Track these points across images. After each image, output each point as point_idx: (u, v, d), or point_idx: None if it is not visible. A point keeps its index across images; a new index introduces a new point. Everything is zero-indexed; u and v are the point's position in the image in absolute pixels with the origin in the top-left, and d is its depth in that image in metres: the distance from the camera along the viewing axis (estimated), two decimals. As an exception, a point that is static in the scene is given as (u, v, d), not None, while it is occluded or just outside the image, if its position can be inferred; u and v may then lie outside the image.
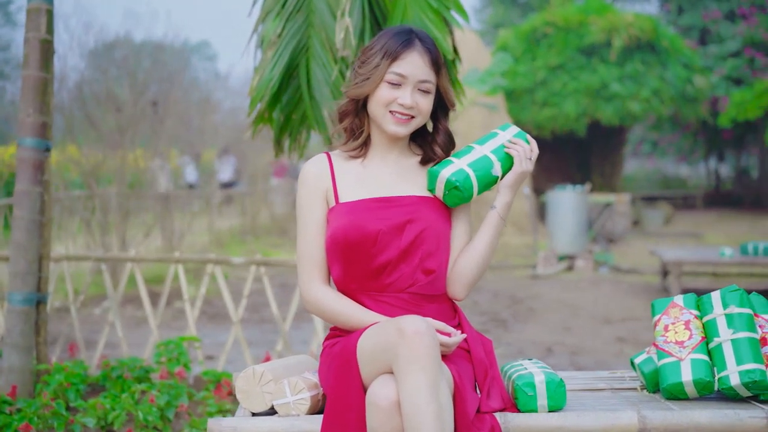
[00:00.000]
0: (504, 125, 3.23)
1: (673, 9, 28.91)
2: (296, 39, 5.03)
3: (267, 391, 3.05)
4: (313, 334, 6.23)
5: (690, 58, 21.85)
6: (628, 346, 8.31)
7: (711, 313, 3.18)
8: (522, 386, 2.98)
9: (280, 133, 5.24)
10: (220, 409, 5.13)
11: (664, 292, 11.86)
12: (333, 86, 4.99)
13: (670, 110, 21.53)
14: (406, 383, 2.66)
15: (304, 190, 3.15)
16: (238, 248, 15.36)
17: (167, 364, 5.58)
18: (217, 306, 10.08)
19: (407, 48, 3.06)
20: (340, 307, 3.05)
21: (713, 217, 24.07)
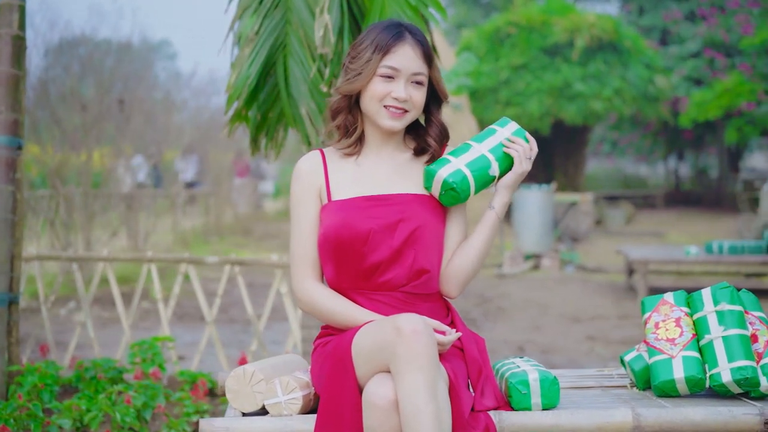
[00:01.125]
0: (502, 121, 3.19)
1: (634, 10, 29.11)
2: (274, 36, 4.99)
3: (258, 390, 3.01)
4: (288, 334, 6.18)
5: (651, 59, 22.03)
6: (598, 345, 8.34)
7: (701, 311, 3.18)
8: (516, 384, 2.97)
9: (256, 132, 5.19)
10: (197, 409, 5.08)
11: (630, 291, 11.93)
12: (311, 84, 4.95)
13: (632, 110, 21.70)
14: (405, 382, 2.64)
15: (297, 187, 3.12)
16: (203, 248, 15.26)
17: (142, 365, 5.51)
18: (185, 306, 9.99)
19: (399, 41, 3.03)
20: (334, 305, 3.01)
21: (674, 217, 24.26)
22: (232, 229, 18.59)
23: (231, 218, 19.27)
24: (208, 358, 7.34)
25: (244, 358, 5.72)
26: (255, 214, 21.26)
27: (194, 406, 5.09)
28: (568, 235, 17.10)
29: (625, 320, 9.75)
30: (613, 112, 21.39)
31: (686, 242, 17.04)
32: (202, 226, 17.37)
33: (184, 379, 5.65)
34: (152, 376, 5.41)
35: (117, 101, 11.42)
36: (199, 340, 8.08)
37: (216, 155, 18.92)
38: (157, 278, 6.31)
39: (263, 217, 22.23)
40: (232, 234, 18.12)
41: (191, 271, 6.23)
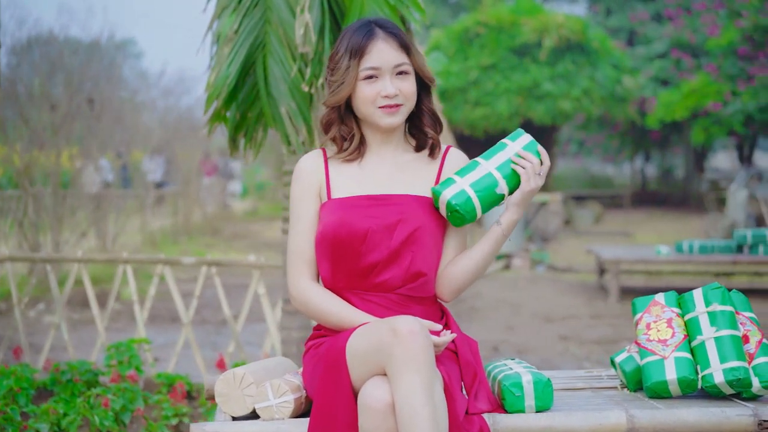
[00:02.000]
0: (515, 134, 3.09)
1: (602, 10, 29.26)
2: (253, 35, 4.95)
3: (248, 394, 2.97)
4: (266, 335, 6.14)
5: (619, 59, 22.15)
6: (572, 345, 8.36)
7: (693, 311, 3.17)
8: (509, 387, 2.94)
9: (235, 132, 5.14)
10: (176, 412, 5.03)
11: (601, 291, 11.97)
12: (291, 83, 4.91)
13: (601, 110, 21.82)
14: (401, 384, 2.61)
15: (297, 184, 3.09)
16: (172, 248, 15.15)
17: (118, 367, 5.45)
18: (157, 307, 9.90)
19: (370, 39, 3.00)
20: (328, 305, 2.98)
21: (641, 216, 24.40)
22: (200, 229, 18.49)
23: (199, 218, 19.16)
24: (183, 359, 7.27)
25: (222, 360, 5.67)
26: (223, 214, 21.15)
27: (173, 409, 5.04)
28: (538, 234, 17.15)
29: (598, 320, 9.77)
30: (581, 112, 21.49)
31: (654, 242, 17.13)
32: (171, 226, 17.26)
33: (162, 381, 5.60)
34: (129, 379, 5.35)
35: (87, 101, 11.30)
36: (171, 341, 8.03)
37: (184, 155, 18.80)
38: (132, 279, 6.25)
39: (231, 217, 22.14)
40: (201, 234, 18.02)
41: (167, 272, 6.17)
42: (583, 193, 27.80)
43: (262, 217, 23.06)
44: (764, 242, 11.23)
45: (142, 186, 15.36)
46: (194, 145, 19.81)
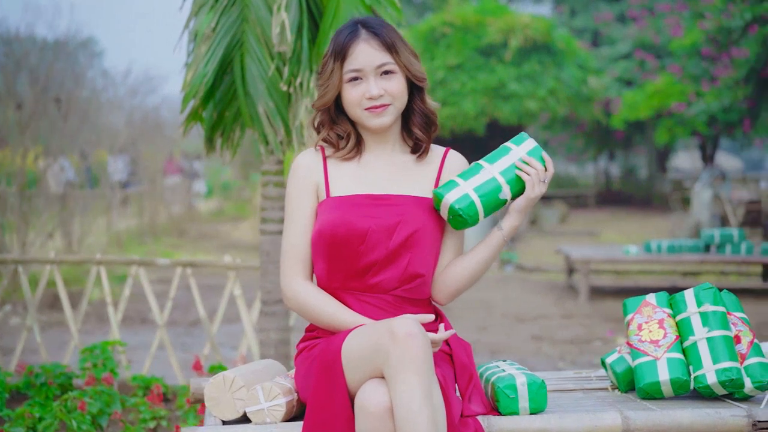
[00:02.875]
0: (518, 137, 3.04)
1: (566, 11, 29.38)
2: (231, 34, 4.90)
3: (239, 397, 2.92)
4: (242, 337, 6.08)
5: (584, 60, 22.26)
6: (545, 345, 8.36)
7: (684, 312, 3.16)
8: (503, 389, 2.92)
9: (212, 131, 5.09)
10: (154, 415, 4.97)
11: (570, 290, 12.01)
12: (269, 82, 4.86)
13: (566, 110, 21.89)
14: (400, 387, 2.57)
15: (294, 182, 3.04)
16: (138, 249, 15.02)
17: (93, 370, 5.38)
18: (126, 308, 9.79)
19: (352, 41, 2.97)
20: (323, 305, 2.93)
21: (606, 216, 24.54)
22: (166, 230, 18.35)
23: (165, 219, 19.01)
24: (155, 361, 7.19)
25: (198, 362, 5.60)
26: (189, 214, 21.00)
27: (150, 412, 4.97)
28: (505, 234, 17.16)
29: (569, 320, 9.79)
30: (547, 112, 21.56)
31: (620, 241, 17.24)
32: (137, 227, 17.11)
33: (137, 384, 5.53)
34: (104, 382, 5.28)
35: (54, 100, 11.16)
36: (141, 343, 7.94)
37: (150, 155, 18.65)
38: (106, 281, 6.17)
39: (197, 217, 21.99)
40: (167, 235, 17.88)
41: (141, 273, 6.10)
42: (548, 193, 27.86)
43: (229, 217, 22.93)
44: (731, 242, 11.31)
45: (108, 186, 15.19)
46: (160, 145, 19.65)
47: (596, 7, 28.32)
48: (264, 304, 5.16)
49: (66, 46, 12.50)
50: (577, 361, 7.63)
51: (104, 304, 9.55)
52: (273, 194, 5.18)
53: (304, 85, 4.81)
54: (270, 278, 5.15)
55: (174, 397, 5.60)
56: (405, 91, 3.00)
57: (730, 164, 40.86)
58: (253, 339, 5.96)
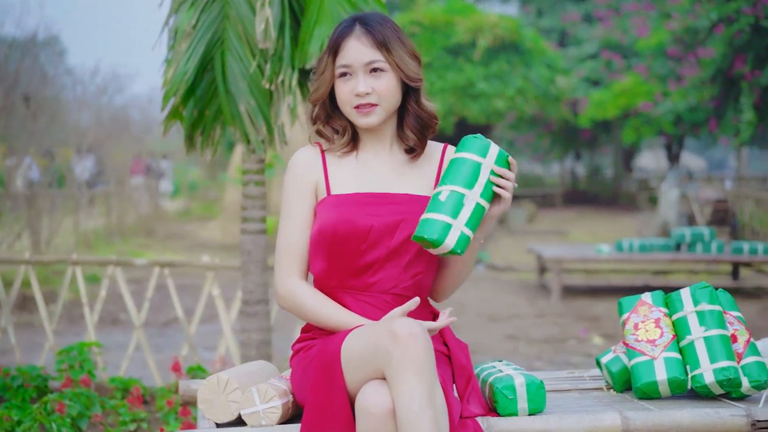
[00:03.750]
0: (481, 146, 2.85)
1: (533, 11, 29.46)
2: (211, 31, 4.85)
3: (233, 400, 2.87)
4: (221, 338, 6.01)
5: (552, 59, 22.33)
6: (521, 344, 8.36)
7: (681, 311, 3.14)
8: (502, 389, 2.89)
9: (192, 129, 5.02)
10: (134, 418, 4.91)
11: (542, 289, 12.02)
12: (250, 80, 4.81)
13: (534, 109, 21.96)
14: (402, 388, 2.53)
15: (292, 179, 2.99)
16: (107, 249, 14.89)
17: (70, 372, 5.30)
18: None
19: (345, 36, 2.93)
20: (319, 305, 2.89)
21: (573, 215, 24.64)
22: (134, 229, 18.20)
23: (133, 219, 18.85)
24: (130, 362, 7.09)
25: (177, 363, 5.53)
26: (156, 214, 20.84)
27: (130, 415, 4.91)
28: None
29: (542, 319, 9.80)
30: (515, 112, 21.62)
31: (588, 240, 17.32)
32: (104, 227, 16.94)
33: (115, 386, 5.46)
34: (82, 384, 5.20)
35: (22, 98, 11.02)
36: (115, 344, 7.85)
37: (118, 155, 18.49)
38: (82, 281, 6.09)
39: (164, 217, 21.84)
40: (134, 235, 17.74)
41: (118, 273, 6.02)
42: (516, 193, 27.93)
43: (196, 217, 22.80)
44: (702, 241, 11.39)
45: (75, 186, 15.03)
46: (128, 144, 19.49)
47: (563, 7, 28.43)
48: (245, 305, 5.10)
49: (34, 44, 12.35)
50: (554, 361, 7.63)
51: (74, 304, 9.47)
52: (254, 193, 5.12)
53: (286, 83, 4.76)
54: (251, 278, 5.09)
55: (152, 399, 5.52)
56: (395, 91, 2.94)
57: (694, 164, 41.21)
58: (232, 340, 5.90)
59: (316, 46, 4.65)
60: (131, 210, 18.92)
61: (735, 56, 16.96)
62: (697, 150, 46.35)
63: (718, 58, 17.70)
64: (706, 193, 19.99)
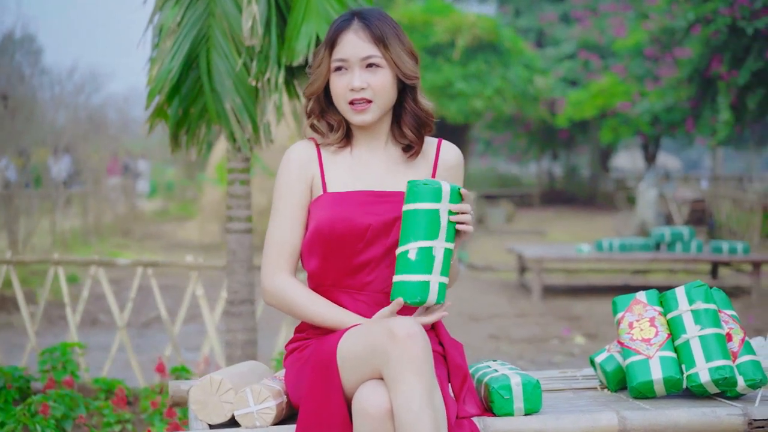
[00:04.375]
0: (433, 191, 2.72)
1: (511, 11, 29.51)
2: (197, 28, 4.80)
3: (226, 400, 2.83)
4: (205, 338, 5.97)
5: (530, 59, 22.37)
6: (503, 344, 8.34)
7: (676, 310, 3.13)
8: (498, 389, 2.86)
9: (177, 128, 4.98)
10: (119, 419, 4.85)
11: (522, 289, 12.02)
12: (236, 78, 4.77)
13: (513, 109, 21.99)
14: (400, 389, 2.50)
15: (287, 174, 2.94)
16: (84, 250, 14.78)
17: (53, 373, 5.24)
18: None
19: (343, 30, 2.90)
20: (311, 302, 2.85)
21: (551, 215, 24.68)
22: (111, 230, 18.08)
23: (110, 219, 18.73)
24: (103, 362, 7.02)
25: (161, 364, 5.48)
26: (133, 214, 20.72)
27: (115, 416, 4.86)
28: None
29: (524, 318, 9.80)
30: (493, 111, 21.64)
31: (567, 240, 17.36)
32: (81, 227, 16.81)
33: (99, 387, 5.40)
34: (65, 385, 5.15)
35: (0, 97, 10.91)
36: (96, 345, 7.78)
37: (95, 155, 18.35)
38: (64, 281, 6.03)
39: (141, 217, 21.72)
40: (111, 235, 17.62)
41: (101, 273, 5.96)
42: (494, 192, 28.00)
43: (173, 217, 22.68)
44: (681, 240, 11.43)
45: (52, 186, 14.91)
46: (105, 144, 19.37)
47: (540, 8, 28.48)
48: (230, 305, 5.06)
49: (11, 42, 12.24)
50: (536, 360, 7.63)
51: (52, 305, 9.38)
52: (239, 192, 5.08)
53: (272, 81, 4.72)
54: (236, 278, 5.05)
55: (136, 399, 5.47)
56: (391, 88, 2.91)
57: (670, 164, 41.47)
58: (216, 340, 5.86)
59: (303, 44, 4.61)
60: (108, 210, 18.79)
61: (712, 56, 17.03)
62: (673, 150, 46.58)
63: (695, 59, 17.78)
64: (683, 193, 20.07)
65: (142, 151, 30.15)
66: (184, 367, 5.39)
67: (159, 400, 5.03)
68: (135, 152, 29.18)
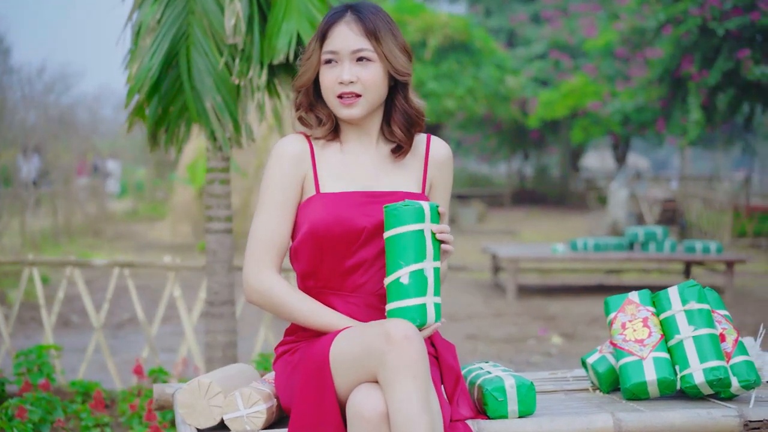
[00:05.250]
0: (416, 212, 2.67)
1: (481, 11, 29.53)
2: (176, 26, 4.74)
3: (215, 404, 2.77)
4: (182, 339, 5.90)
5: (502, 59, 22.40)
6: (481, 344, 8.31)
7: (669, 310, 3.09)
8: (492, 391, 2.82)
9: (156, 127, 4.91)
10: (97, 422, 4.76)
11: (497, 289, 12.01)
12: (217, 77, 4.71)
13: (484, 109, 22.00)
14: (397, 392, 2.45)
15: (278, 169, 2.85)
16: (55, 250, 14.63)
17: (29, 376, 5.15)
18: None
19: (335, 23, 2.83)
20: (300, 302, 2.78)
21: (522, 215, 24.73)
22: (81, 230, 17.91)
23: (80, 219, 18.56)
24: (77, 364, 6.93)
25: (139, 366, 5.41)
26: (103, 214, 20.55)
27: (93, 419, 4.77)
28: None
29: (500, 318, 9.78)
30: (465, 111, 21.64)
31: (539, 240, 17.38)
32: (51, 227, 16.65)
33: (76, 389, 5.32)
34: (41, 388, 5.05)
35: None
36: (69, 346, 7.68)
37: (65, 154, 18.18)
38: (39, 282, 5.93)
39: (111, 217, 21.55)
40: (82, 236, 17.46)
41: (77, 274, 5.88)
42: (465, 192, 28.00)
43: (143, 217, 22.53)
44: (655, 240, 11.45)
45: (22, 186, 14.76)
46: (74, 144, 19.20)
47: (511, 8, 28.52)
48: (210, 306, 5.00)
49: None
50: (515, 360, 7.60)
51: (24, 306, 9.25)
52: (219, 192, 5.02)
53: (255, 80, 4.67)
54: (216, 278, 4.99)
55: (113, 402, 5.39)
56: (381, 84, 2.84)
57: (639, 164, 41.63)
58: (194, 341, 5.78)
59: (284, 42, 4.56)
60: (78, 210, 18.62)
61: (682, 57, 17.13)
62: (642, 150, 46.83)
63: (665, 59, 17.87)
64: (654, 192, 20.16)
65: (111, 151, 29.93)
66: (161, 369, 5.32)
67: (138, 402, 4.95)
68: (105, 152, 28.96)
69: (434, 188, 2.98)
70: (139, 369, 5.38)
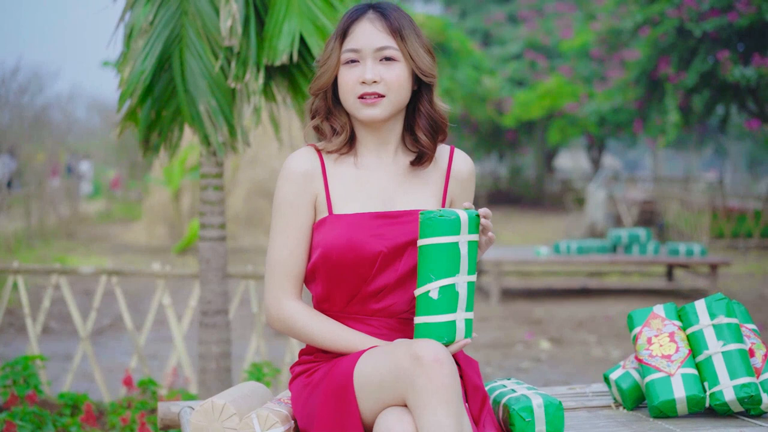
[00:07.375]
0: (449, 224, 2.49)
1: (457, 12, 29.46)
2: (169, 27, 4.60)
3: (230, 426, 2.64)
4: (172, 350, 5.75)
5: (478, 60, 22.34)
6: (468, 349, 8.20)
7: (696, 324, 2.99)
8: (519, 411, 2.69)
9: (148, 131, 4.77)
10: (88, 437, 4.62)
11: (479, 292, 11.91)
12: (211, 79, 4.57)
13: (461, 110, 21.94)
14: (428, 418, 2.31)
15: (289, 189, 2.69)
16: (29, 254, 14.40)
17: (15, 388, 4.99)
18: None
19: (357, 20, 2.67)
20: (321, 326, 2.65)
21: (499, 216, 24.62)
22: (55, 232, 17.66)
23: (53, 221, 18.31)
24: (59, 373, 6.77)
25: (129, 377, 5.26)
26: (77, 216, 20.30)
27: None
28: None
29: (485, 323, 9.68)
30: (442, 112, 21.63)
31: (518, 242, 17.32)
32: (24, 230, 16.39)
33: (63, 402, 5.16)
34: (27, 400, 4.90)
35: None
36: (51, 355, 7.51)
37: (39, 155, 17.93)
38: (23, 291, 5.77)
39: (85, 219, 21.29)
40: (56, 238, 17.22)
41: (63, 282, 5.72)
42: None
43: (117, 219, 22.28)
44: (638, 242, 11.40)
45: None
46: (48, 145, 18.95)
47: (486, 8, 28.47)
48: (204, 315, 4.85)
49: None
50: (504, 366, 7.51)
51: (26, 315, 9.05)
52: (213, 198, 4.88)
53: (251, 83, 4.53)
54: (210, 287, 4.84)
55: (101, 414, 5.24)
56: (405, 85, 2.68)
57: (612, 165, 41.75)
58: (183, 351, 5.64)
59: (286, 42, 4.43)
60: (51, 212, 18.36)
61: (659, 58, 17.09)
62: (614, 151, 46.97)
63: (642, 60, 17.83)
64: (632, 194, 20.15)
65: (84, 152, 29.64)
66: (151, 380, 5.17)
67: (129, 415, 4.81)
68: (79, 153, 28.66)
69: (454, 206, 2.81)
70: (129, 380, 5.23)
